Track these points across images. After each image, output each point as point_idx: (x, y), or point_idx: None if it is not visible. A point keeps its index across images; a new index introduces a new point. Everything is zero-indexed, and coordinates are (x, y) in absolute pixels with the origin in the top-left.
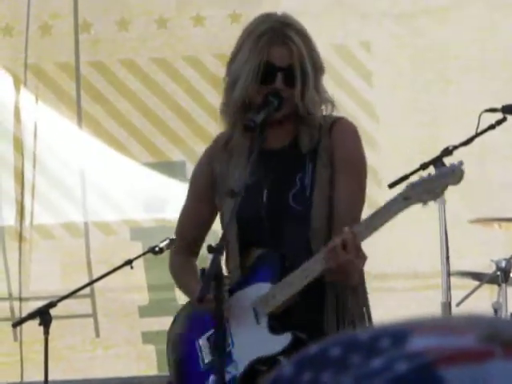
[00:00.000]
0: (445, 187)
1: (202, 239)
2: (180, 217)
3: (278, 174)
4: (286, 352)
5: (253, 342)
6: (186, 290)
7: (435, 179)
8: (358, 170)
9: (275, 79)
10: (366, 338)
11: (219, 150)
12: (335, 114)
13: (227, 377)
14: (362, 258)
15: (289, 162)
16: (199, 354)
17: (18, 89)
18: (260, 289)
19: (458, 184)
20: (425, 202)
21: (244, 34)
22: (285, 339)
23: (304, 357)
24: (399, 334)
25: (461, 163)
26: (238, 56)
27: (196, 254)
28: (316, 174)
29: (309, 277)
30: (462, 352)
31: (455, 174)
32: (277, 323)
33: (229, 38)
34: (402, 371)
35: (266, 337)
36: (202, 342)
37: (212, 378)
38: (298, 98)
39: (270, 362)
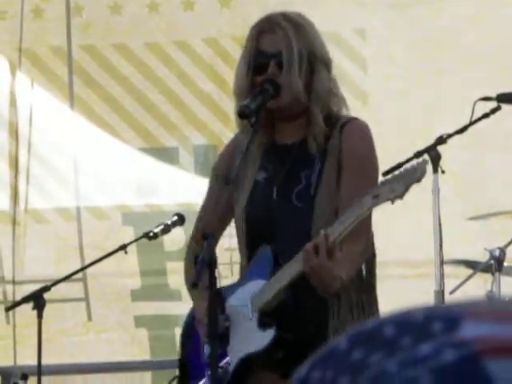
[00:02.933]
0: (408, 186)
1: (217, 230)
2: (202, 205)
3: (287, 170)
4: (266, 349)
5: (244, 338)
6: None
7: (399, 178)
8: (366, 172)
9: (268, 67)
10: (421, 319)
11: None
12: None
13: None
14: (335, 262)
15: (298, 158)
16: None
17: (13, 74)
18: (255, 286)
19: (419, 182)
20: (392, 201)
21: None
22: (268, 335)
23: (360, 332)
24: (453, 318)
25: (425, 162)
26: (240, 59)
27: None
28: (323, 173)
29: (291, 274)
30: None
31: (417, 173)
32: (265, 319)
33: (219, 22)
34: (447, 360)
35: (255, 332)
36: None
37: (207, 372)
38: (284, 82)
39: (260, 358)
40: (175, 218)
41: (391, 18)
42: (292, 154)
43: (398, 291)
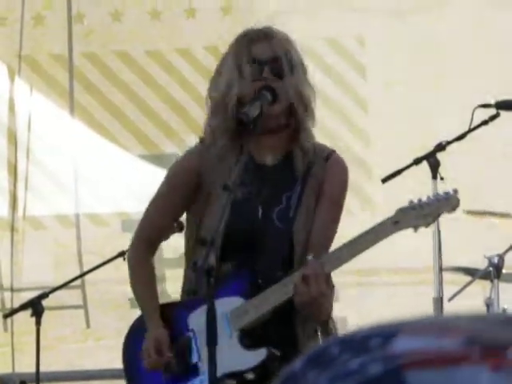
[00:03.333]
0: (438, 215)
1: (165, 235)
2: (152, 205)
3: (270, 190)
4: (259, 367)
5: (223, 356)
6: (142, 307)
7: (428, 205)
8: (340, 204)
9: (263, 73)
10: (361, 336)
11: (208, 155)
12: (332, 113)
13: None
14: (331, 287)
15: (280, 178)
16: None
17: (12, 80)
18: (231, 303)
19: (453, 212)
20: (415, 228)
21: (226, 52)
22: (259, 355)
23: (312, 353)
24: (388, 333)
25: (455, 191)
26: (222, 71)
27: (154, 251)
28: (303, 197)
29: (288, 293)
30: (439, 355)
31: (450, 202)
32: (250, 339)
33: (220, 30)
34: (373, 374)
35: (239, 352)
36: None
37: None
38: (284, 87)
39: (239, 377)
40: (174, 225)
41: (390, 25)
42: (276, 175)
43: (397, 298)
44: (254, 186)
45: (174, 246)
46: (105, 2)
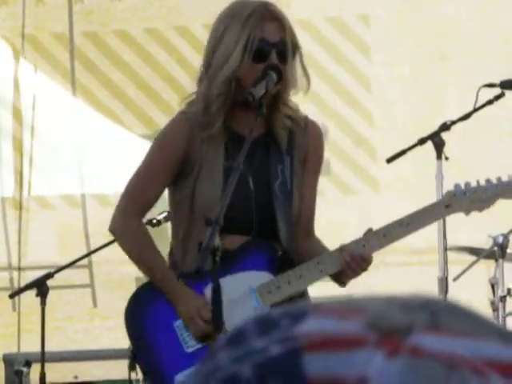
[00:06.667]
0: (496, 199)
1: (152, 205)
2: (143, 173)
3: (261, 164)
4: None
5: None
6: (160, 277)
7: (484, 190)
8: (320, 171)
9: (269, 56)
10: (273, 316)
11: (197, 124)
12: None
13: None
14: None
15: (269, 151)
16: (178, 335)
17: (17, 59)
18: (258, 277)
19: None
20: (468, 212)
21: (226, 19)
22: None
23: (230, 332)
24: (298, 314)
25: None
26: (222, 41)
27: (143, 218)
28: (293, 168)
29: (323, 272)
30: (338, 338)
31: (511, 190)
32: None
33: (219, 7)
34: (273, 354)
35: None
36: (178, 323)
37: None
38: (288, 72)
39: None
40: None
41: (395, 5)
42: (262, 147)
43: (402, 278)
44: (245, 159)
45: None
46: None
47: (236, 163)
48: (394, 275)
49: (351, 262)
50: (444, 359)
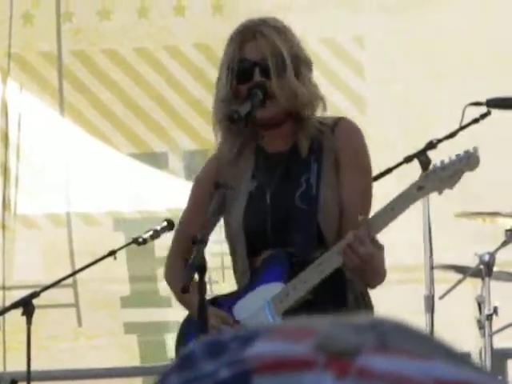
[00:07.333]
0: (460, 174)
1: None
2: (183, 218)
3: (282, 178)
4: None
5: None
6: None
7: (451, 165)
8: (364, 168)
9: (253, 74)
10: (224, 339)
11: (225, 162)
12: (329, 113)
13: None
14: (380, 248)
15: (292, 165)
16: None
17: (4, 80)
18: (271, 290)
19: (473, 170)
20: (440, 191)
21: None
22: None
23: (180, 355)
24: (248, 336)
25: (475, 150)
26: (219, 74)
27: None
28: (321, 173)
29: (324, 272)
30: (287, 360)
31: (470, 161)
32: None
33: (209, 28)
34: (223, 377)
35: None
36: None
37: None
38: (275, 89)
39: None
40: (164, 223)
41: (388, 24)
42: (286, 163)
43: (388, 296)
44: (264, 177)
45: (166, 244)
46: (93, 1)
47: (222, 181)
48: (379, 293)
49: (353, 242)
50: (392, 380)
